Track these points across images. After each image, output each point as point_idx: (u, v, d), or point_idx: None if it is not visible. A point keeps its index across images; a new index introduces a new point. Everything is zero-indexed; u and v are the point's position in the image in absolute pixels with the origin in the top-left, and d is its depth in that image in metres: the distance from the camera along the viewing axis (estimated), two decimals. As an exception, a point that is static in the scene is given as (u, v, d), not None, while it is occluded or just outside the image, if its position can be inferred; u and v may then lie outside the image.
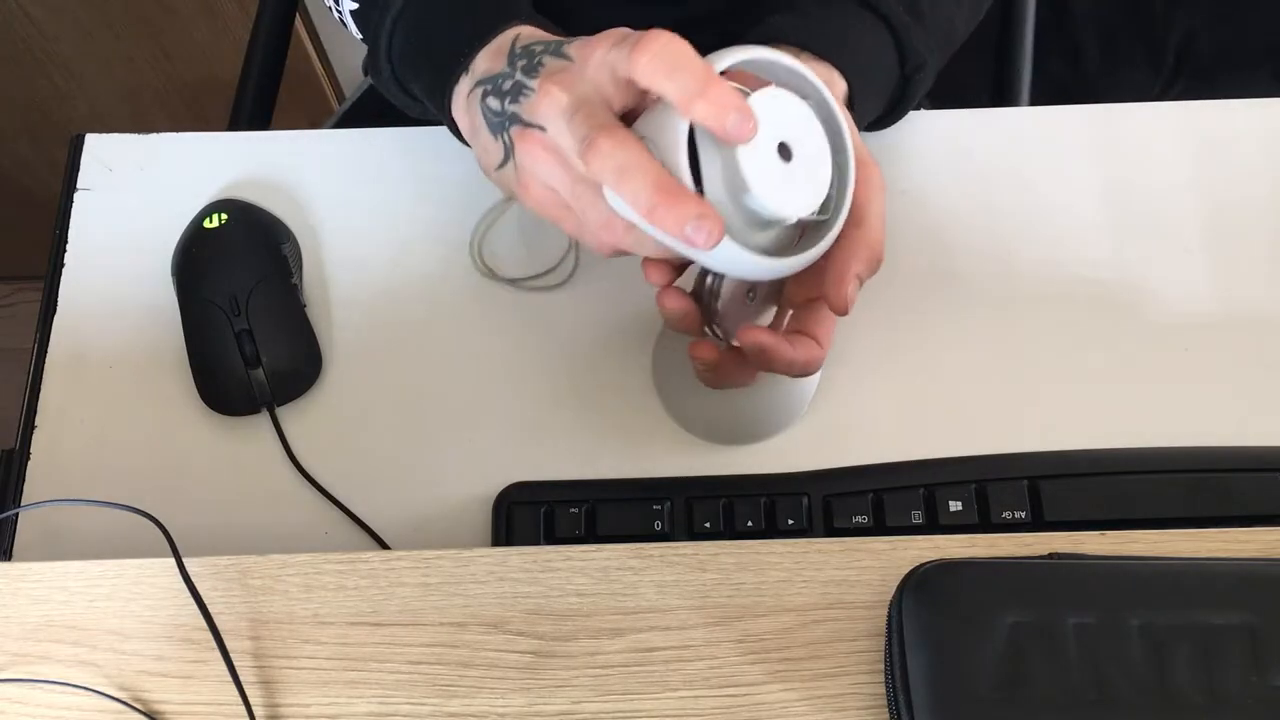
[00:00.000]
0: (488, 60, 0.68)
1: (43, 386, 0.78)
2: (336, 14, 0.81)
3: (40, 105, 1.60)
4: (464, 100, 0.69)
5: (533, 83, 0.64)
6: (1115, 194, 0.81)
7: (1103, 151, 0.80)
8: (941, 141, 0.84)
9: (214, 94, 1.16)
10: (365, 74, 0.80)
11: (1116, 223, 0.80)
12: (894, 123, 0.80)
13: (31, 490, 0.75)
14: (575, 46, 0.64)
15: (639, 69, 0.58)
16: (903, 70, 0.76)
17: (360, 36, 0.80)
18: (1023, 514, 0.70)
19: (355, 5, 0.78)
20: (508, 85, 0.66)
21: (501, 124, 0.66)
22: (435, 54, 0.72)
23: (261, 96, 1.11)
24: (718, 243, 0.58)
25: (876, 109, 0.77)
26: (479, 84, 0.68)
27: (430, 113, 0.75)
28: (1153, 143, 0.82)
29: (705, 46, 0.79)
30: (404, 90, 0.76)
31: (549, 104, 0.62)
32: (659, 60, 0.58)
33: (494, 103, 0.67)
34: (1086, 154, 0.76)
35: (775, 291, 0.69)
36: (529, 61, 0.65)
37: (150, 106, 1.62)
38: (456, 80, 0.70)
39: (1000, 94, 1.05)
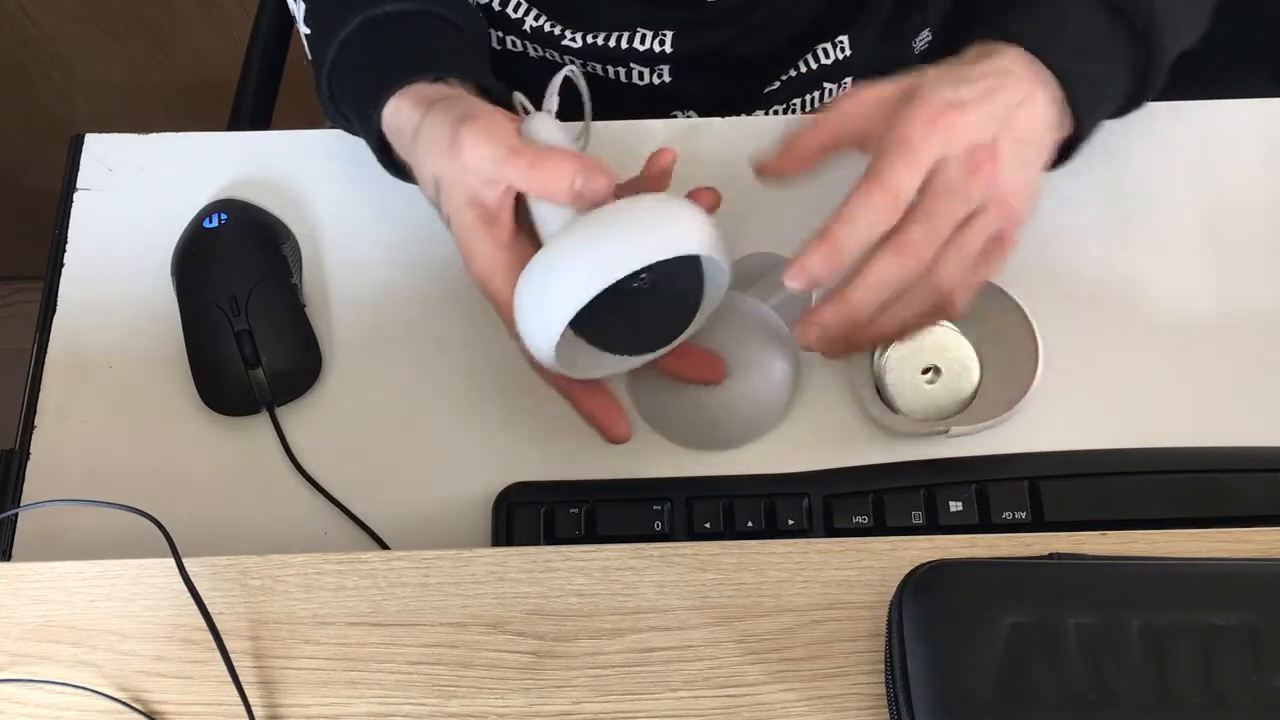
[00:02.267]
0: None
1: (42, 386, 0.78)
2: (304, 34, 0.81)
3: (40, 105, 1.60)
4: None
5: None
6: (1115, 194, 0.81)
7: (1103, 151, 0.80)
8: (941, 141, 0.84)
9: (214, 94, 1.16)
10: None
11: (1116, 222, 0.80)
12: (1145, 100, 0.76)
13: (31, 490, 0.75)
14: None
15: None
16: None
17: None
18: (1023, 514, 0.70)
19: (308, 31, 0.79)
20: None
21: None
22: (374, 67, 0.74)
23: (261, 96, 1.11)
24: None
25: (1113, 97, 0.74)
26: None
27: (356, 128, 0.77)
28: (1153, 143, 0.82)
29: (728, 42, 0.78)
30: (339, 111, 0.78)
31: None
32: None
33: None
34: (1086, 153, 0.76)
35: None
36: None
37: (150, 106, 1.62)
38: (392, 92, 0.72)
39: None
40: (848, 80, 0.94)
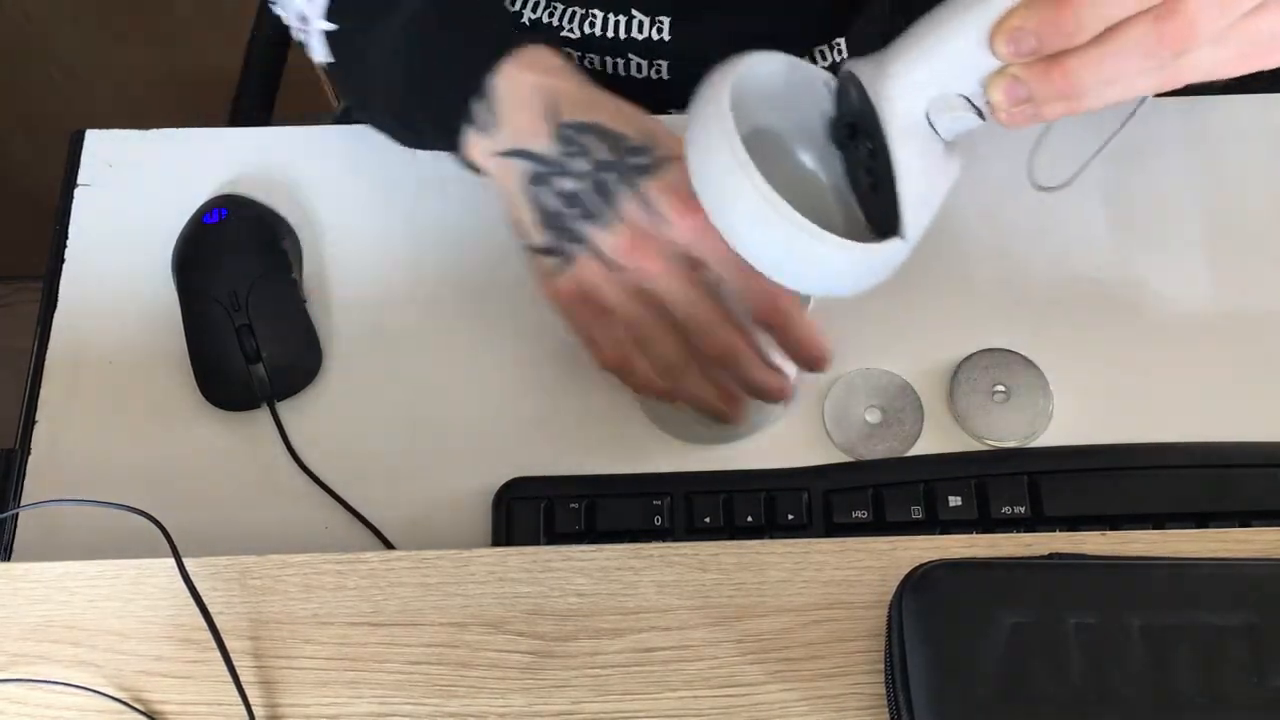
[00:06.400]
0: (517, 121, 0.68)
1: (43, 383, 0.78)
2: (302, 34, 0.78)
3: (40, 104, 1.59)
4: (492, 160, 0.69)
5: (610, 212, 0.66)
6: (1115, 192, 0.81)
7: (1103, 149, 0.80)
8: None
9: (214, 90, 1.15)
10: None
11: (1117, 220, 0.80)
12: None
13: (32, 487, 0.75)
14: (658, 191, 0.66)
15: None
16: None
17: (330, 61, 0.77)
18: (1022, 509, 0.70)
19: (333, 27, 0.75)
20: (567, 186, 0.67)
21: (563, 231, 0.67)
22: (436, 78, 0.71)
23: (262, 92, 1.11)
24: None
25: None
26: (517, 155, 0.68)
27: (426, 142, 0.75)
28: (1153, 141, 0.82)
29: (726, 39, 0.76)
30: (401, 121, 0.75)
31: (646, 273, 0.66)
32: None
33: (548, 199, 0.67)
34: (1086, 152, 0.76)
35: None
36: (595, 172, 0.66)
37: (150, 107, 1.61)
38: (467, 120, 0.69)
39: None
40: None
